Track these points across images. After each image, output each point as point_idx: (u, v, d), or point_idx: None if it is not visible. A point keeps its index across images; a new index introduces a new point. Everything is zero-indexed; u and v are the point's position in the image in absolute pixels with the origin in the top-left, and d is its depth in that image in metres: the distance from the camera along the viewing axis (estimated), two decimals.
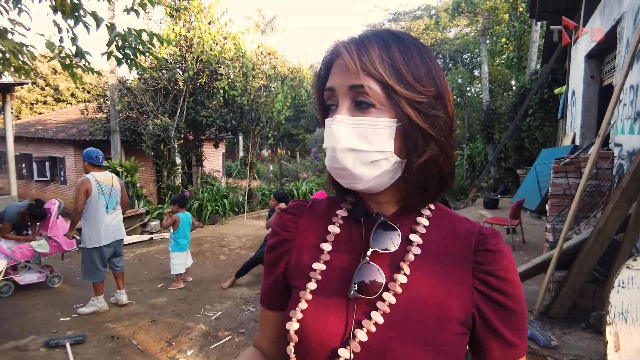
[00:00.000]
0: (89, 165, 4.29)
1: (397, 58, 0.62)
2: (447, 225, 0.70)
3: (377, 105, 0.62)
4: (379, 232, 0.67)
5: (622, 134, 4.14)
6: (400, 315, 0.63)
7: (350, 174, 0.64)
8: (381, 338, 0.61)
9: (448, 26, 25.48)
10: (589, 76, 6.39)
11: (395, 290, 0.63)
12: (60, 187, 13.65)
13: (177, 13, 10.06)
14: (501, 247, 0.66)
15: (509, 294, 0.64)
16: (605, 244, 3.17)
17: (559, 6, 7.74)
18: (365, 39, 0.64)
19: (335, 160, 0.64)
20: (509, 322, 0.64)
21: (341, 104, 0.64)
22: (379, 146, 0.63)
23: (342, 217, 0.74)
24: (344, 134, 0.63)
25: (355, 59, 0.61)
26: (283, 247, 0.76)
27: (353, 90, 0.63)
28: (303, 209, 0.80)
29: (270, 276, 0.78)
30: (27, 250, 5.09)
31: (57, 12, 3.37)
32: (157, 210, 9.42)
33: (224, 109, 10.92)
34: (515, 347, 0.65)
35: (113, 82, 10.37)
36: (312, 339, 0.64)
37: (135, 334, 3.91)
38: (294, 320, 0.66)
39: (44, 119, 16.21)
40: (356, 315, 0.64)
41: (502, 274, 0.65)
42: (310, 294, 0.68)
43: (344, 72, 0.63)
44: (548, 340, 2.92)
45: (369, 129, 0.62)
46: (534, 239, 6.07)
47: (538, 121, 10.27)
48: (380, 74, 0.61)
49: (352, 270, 0.66)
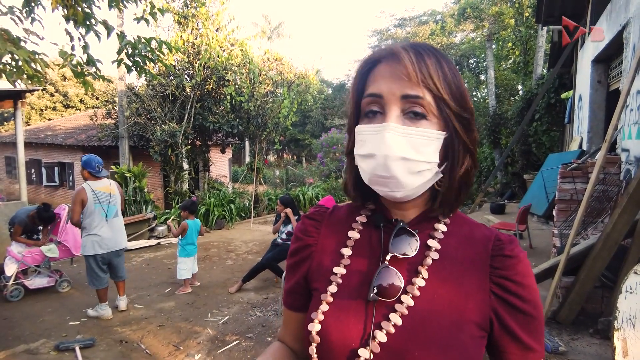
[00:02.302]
0: (88, 174, 4.26)
1: (447, 73, 0.64)
2: (464, 231, 0.72)
3: (429, 116, 0.64)
4: (398, 238, 0.69)
5: (629, 139, 4.13)
6: (418, 317, 0.64)
7: (396, 182, 0.64)
8: (400, 339, 0.63)
9: (454, 31, 25.49)
10: (595, 81, 6.38)
11: (414, 294, 0.65)
12: (69, 192, 13.81)
13: (184, 20, 10.19)
14: (517, 252, 0.68)
15: (526, 299, 0.66)
16: (613, 249, 3.16)
17: (565, 11, 7.73)
18: (420, 49, 0.65)
19: (385, 168, 0.63)
20: (526, 326, 0.66)
21: (390, 111, 0.64)
22: (427, 157, 0.64)
23: (361, 223, 0.76)
24: (397, 143, 0.62)
25: (417, 69, 0.62)
26: (305, 251, 0.79)
27: (407, 99, 0.63)
28: (324, 215, 0.82)
29: (293, 278, 0.81)
30: (37, 255, 5.16)
31: (70, 21, 3.45)
32: (165, 216, 9.49)
33: (231, 115, 11.02)
34: (533, 351, 0.67)
35: (122, 88, 10.51)
36: (333, 339, 0.67)
37: (144, 338, 3.94)
38: (316, 322, 0.68)
39: (53, 125, 16.44)
40: (375, 317, 0.66)
41: (518, 279, 0.66)
42: (331, 296, 0.70)
43: (398, 79, 0.63)
44: (556, 346, 2.91)
45: (420, 139, 0.63)
46: (541, 245, 6.04)
47: (545, 126, 10.24)
48: (437, 87, 0.62)
49: (371, 274, 0.69)
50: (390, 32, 29.11)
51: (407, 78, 0.62)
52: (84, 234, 4.24)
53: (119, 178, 9.23)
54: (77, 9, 3.40)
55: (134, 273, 6.07)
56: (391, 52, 0.65)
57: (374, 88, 0.65)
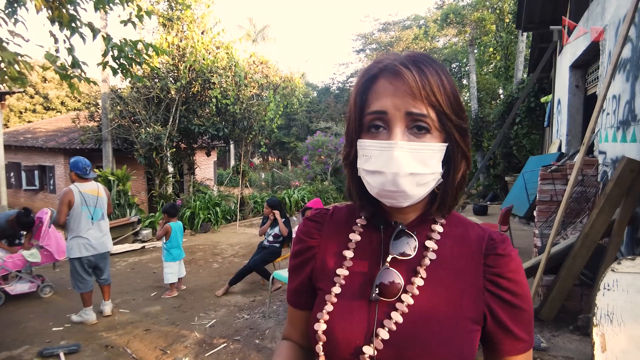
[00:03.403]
0: (75, 176, 4.23)
1: (447, 86, 0.66)
2: (459, 231, 0.76)
3: (432, 130, 0.66)
4: (397, 240, 0.73)
5: (605, 142, 4.27)
6: (418, 315, 0.68)
7: (404, 195, 0.67)
8: (401, 336, 0.67)
9: (437, 36, 25.85)
10: (574, 85, 6.57)
11: (413, 293, 0.69)
12: (49, 196, 13.52)
13: (169, 23, 10.11)
14: (509, 251, 0.72)
15: (517, 293, 0.70)
16: (592, 248, 3.27)
17: (545, 17, 7.96)
18: (421, 65, 0.65)
19: (395, 184, 0.65)
20: (517, 319, 0.70)
21: (395, 128, 0.65)
22: (433, 168, 0.67)
23: (362, 225, 0.79)
24: (406, 160, 0.64)
25: (420, 87, 0.63)
26: (309, 253, 0.82)
27: (411, 116, 0.64)
28: (325, 217, 0.85)
29: (297, 279, 0.84)
30: (18, 260, 5.05)
31: (55, 23, 3.41)
32: (149, 219, 9.38)
33: (217, 118, 10.96)
34: (524, 341, 0.71)
35: (105, 90, 10.36)
36: (338, 338, 0.70)
37: (130, 342, 3.90)
38: (322, 322, 0.72)
39: (34, 127, 16.08)
40: (378, 315, 0.70)
41: (510, 276, 0.70)
42: (335, 297, 0.73)
43: (402, 96, 0.64)
44: (538, 343, 2.99)
45: (426, 153, 0.66)
46: (523, 245, 6.18)
47: (525, 129, 10.48)
48: (440, 102, 0.65)
49: (372, 275, 0.73)
50: (375, 37, 29.34)
51: (410, 95, 0.63)
52: (69, 236, 4.18)
53: (102, 181, 9.08)
54: (62, 10, 3.37)
55: (118, 277, 5.99)
56: (391, 68, 0.66)
57: (377, 105, 0.66)
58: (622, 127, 3.74)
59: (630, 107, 3.55)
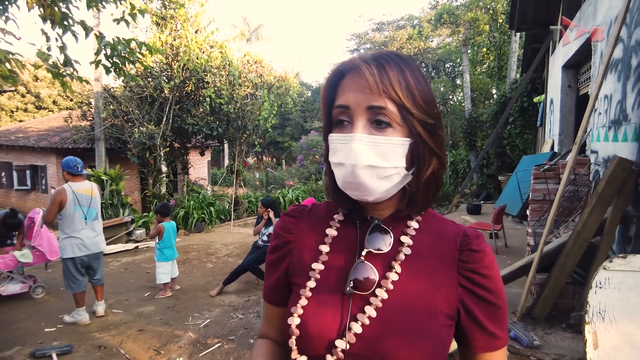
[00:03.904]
0: (68, 174, 4.21)
1: (411, 81, 0.67)
2: (435, 228, 0.77)
3: (394, 124, 0.67)
4: (373, 235, 0.73)
5: (597, 142, 4.31)
6: (391, 310, 0.68)
7: (366, 188, 0.68)
8: (374, 330, 0.67)
9: (431, 36, 25.93)
10: (566, 85, 6.63)
11: (387, 287, 0.70)
12: (41, 196, 13.40)
13: (163, 22, 10.06)
14: (483, 247, 0.73)
15: (491, 290, 0.71)
16: (584, 247, 3.30)
17: (537, 18, 8.02)
18: (382, 61, 0.67)
19: (354, 176, 0.67)
20: (491, 315, 0.71)
21: (357, 122, 0.68)
22: (394, 162, 0.68)
23: (339, 221, 0.80)
24: (364, 152, 0.66)
25: (378, 81, 0.65)
26: (285, 248, 0.82)
27: (372, 110, 0.66)
28: (303, 212, 0.85)
29: (274, 275, 0.83)
30: (9, 260, 5.01)
31: (47, 21, 3.38)
32: (143, 219, 9.33)
33: (210, 117, 10.93)
34: (497, 338, 0.72)
35: (98, 89, 10.29)
36: (311, 332, 0.70)
37: (123, 343, 3.88)
38: (295, 316, 0.71)
39: (25, 127, 15.92)
40: (351, 310, 0.70)
41: (484, 272, 0.71)
42: (310, 291, 0.73)
43: (362, 91, 0.66)
44: (531, 341, 3.01)
45: (386, 147, 0.67)
46: (516, 243, 6.22)
47: (518, 129, 10.54)
48: (400, 97, 0.66)
49: (348, 269, 0.73)
50: (369, 36, 29.39)
51: (370, 90, 0.65)
52: (62, 236, 4.15)
53: (95, 181, 9.02)
54: (54, 8, 3.33)
55: (111, 277, 5.95)
56: (353, 65, 0.69)
57: (341, 99, 0.69)
58: (614, 126, 3.77)
59: (622, 107, 3.58)
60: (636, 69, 3.30)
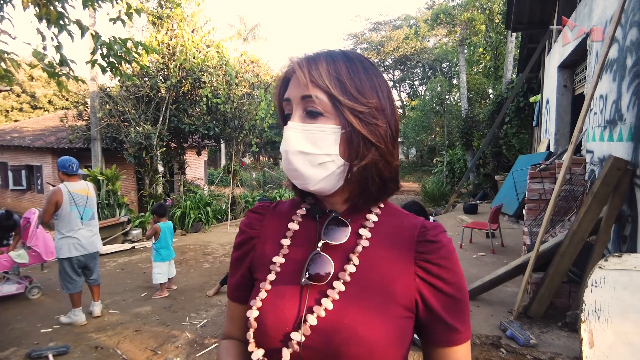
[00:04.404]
0: (63, 174, 4.19)
1: (343, 72, 0.70)
2: (394, 221, 0.78)
3: (325, 113, 0.70)
4: (332, 227, 0.75)
5: (593, 141, 4.34)
6: (347, 301, 0.68)
7: (301, 175, 0.71)
8: (330, 322, 0.67)
9: (427, 36, 26.00)
10: (562, 85, 6.66)
11: (345, 279, 0.70)
12: (37, 196, 13.34)
13: (159, 21, 10.03)
14: (440, 238, 0.73)
15: (449, 281, 0.70)
16: (579, 246, 3.32)
17: (533, 18, 8.05)
18: (315, 56, 0.72)
19: (288, 162, 0.72)
20: (449, 308, 0.70)
21: (295, 113, 0.72)
22: (326, 150, 0.70)
23: (301, 215, 0.81)
24: (295, 139, 0.70)
25: (306, 73, 0.69)
26: (249, 244, 0.83)
27: (304, 100, 0.70)
28: (268, 209, 0.87)
29: (238, 272, 0.84)
30: (5, 261, 4.98)
31: (42, 21, 3.36)
32: (139, 219, 9.30)
33: (207, 117, 10.90)
34: (457, 332, 0.70)
35: (94, 89, 10.24)
36: (269, 324, 0.70)
37: (120, 343, 3.87)
38: (254, 309, 0.72)
39: (20, 127, 15.84)
40: (308, 302, 0.70)
41: (441, 262, 0.71)
42: (269, 284, 0.74)
43: (298, 85, 0.71)
44: (527, 339, 3.03)
45: (316, 134, 0.70)
46: (512, 243, 6.25)
47: (515, 128, 10.58)
48: (327, 85, 0.69)
49: (306, 262, 0.74)
50: (366, 36, 29.42)
51: (302, 83, 0.70)
52: (58, 237, 4.13)
53: (91, 181, 8.99)
54: (50, 8, 3.32)
55: (108, 278, 5.93)
56: (292, 66, 0.74)
57: (285, 94, 0.75)
58: (609, 126, 3.80)
59: (617, 107, 3.61)
60: (631, 69, 3.32)
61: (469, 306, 0.73)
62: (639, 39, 3.19)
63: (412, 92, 32.31)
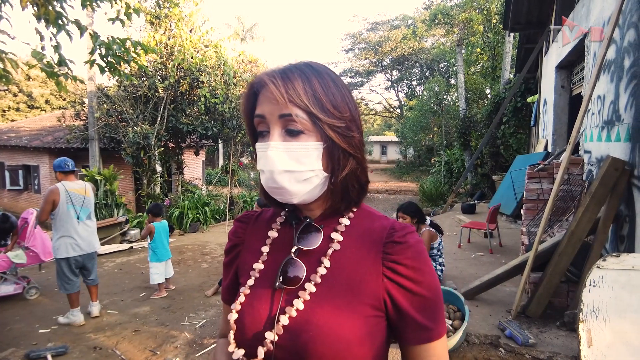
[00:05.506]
0: (60, 174, 4.20)
1: (318, 89, 0.72)
2: (366, 223, 0.80)
3: (305, 131, 0.72)
4: (307, 233, 0.79)
5: (591, 142, 4.36)
6: (318, 302, 0.72)
7: (287, 191, 0.74)
8: (300, 322, 0.70)
9: (425, 36, 26.03)
10: (559, 86, 6.68)
11: (315, 281, 0.73)
12: (34, 196, 13.29)
13: (157, 21, 10.01)
14: (407, 238, 0.74)
15: (417, 280, 0.72)
16: (577, 246, 3.33)
17: (531, 19, 8.08)
18: (288, 73, 0.72)
19: (273, 181, 0.73)
20: (419, 307, 0.72)
21: (273, 131, 0.73)
22: (310, 166, 0.73)
23: (280, 223, 0.85)
24: (279, 158, 0.72)
25: (283, 92, 0.70)
26: (234, 251, 0.89)
27: (283, 118, 0.71)
28: (251, 218, 0.92)
29: (227, 276, 0.90)
30: (3, 261, 4.96)
31: (41, 21, 3.35)
32: (137, 219, 9.28)
33: (205, 117, 10.89)
34: (428, 330, 0.72)
35: (91, 89, 10.21)
36: (246, 325, 0.75)
37: (119, 344, 3.86)
38: (234, 312, 0.77)
39: (17, 126, 15.77)
40: (282, 303, 0.74)
41: (408, 262, 0.72)
42: (248, 289, 0.79)
43: (273, 102, 0.71)
44: (526, 339, 3.04)
45: (300, 151, 0.72)
46: (511, 242, 6.27)
47: (512, 129, 10.60)
48: (306, 104, 0.70)
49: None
50: (363, 36, 29.44)
51: (278, 101, 0.70)
52: (56, 237, 4.12)
53: (89, 181, 8.96)
54: (48, 7, 3.31)
55: (106, 278, 5.92)
56: (261, 81, 0.74)
57: (258, 110, 0.75)
58: (607, 126, 3.81)
59: (615, 107, 3.62)
60: (629, 70, 3.34)
61: (441, 304, 0.75)
62: (637, 40, 3.20)
63: (410, 92, 32.39)
